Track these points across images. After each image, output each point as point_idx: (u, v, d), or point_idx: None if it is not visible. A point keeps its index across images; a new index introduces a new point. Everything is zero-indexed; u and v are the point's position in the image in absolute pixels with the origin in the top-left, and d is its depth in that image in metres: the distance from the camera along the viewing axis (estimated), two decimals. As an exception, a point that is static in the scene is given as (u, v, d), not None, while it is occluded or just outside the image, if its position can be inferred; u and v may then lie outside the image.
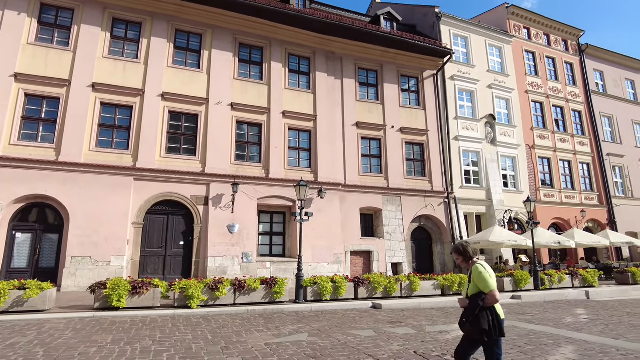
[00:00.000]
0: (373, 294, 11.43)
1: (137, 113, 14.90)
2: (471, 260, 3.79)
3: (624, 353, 5.99)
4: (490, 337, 3.49)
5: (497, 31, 23.35)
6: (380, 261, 17.24)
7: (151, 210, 14.52)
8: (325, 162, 17.17)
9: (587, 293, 13.73)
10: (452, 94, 20.68)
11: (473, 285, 3.64)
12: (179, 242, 14.79)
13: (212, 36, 16.60)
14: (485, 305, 3.51)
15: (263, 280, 10.32)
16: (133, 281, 9.35)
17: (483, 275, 3.56)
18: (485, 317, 3.48)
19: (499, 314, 3.55)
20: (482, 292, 3.56)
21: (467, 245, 3.83)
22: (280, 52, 17.56)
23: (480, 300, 3.53)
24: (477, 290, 3.59)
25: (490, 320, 3.48)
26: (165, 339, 6.49)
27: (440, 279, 12.34)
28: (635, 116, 27.39)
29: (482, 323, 3.46)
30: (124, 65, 15.08)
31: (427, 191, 18.80)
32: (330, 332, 7.31)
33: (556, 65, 25.42)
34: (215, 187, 15.03)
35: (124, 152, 14.48)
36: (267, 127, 16.50)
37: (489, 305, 3.51)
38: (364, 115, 18.66)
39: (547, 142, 23.37)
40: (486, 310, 3.51)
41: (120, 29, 15.46)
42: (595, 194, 24.25)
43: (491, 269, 3.71)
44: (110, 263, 13.24)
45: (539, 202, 21.86)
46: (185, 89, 15.70)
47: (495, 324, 3.49)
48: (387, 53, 19.50)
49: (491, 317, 3.49)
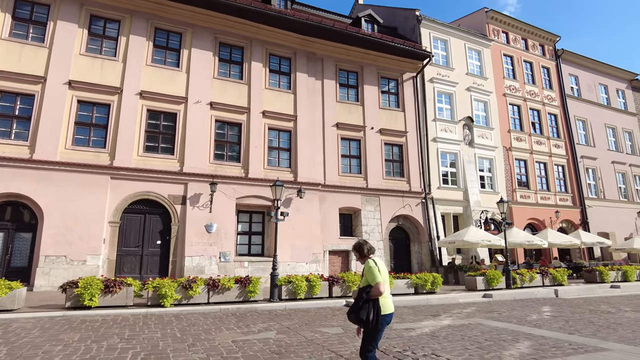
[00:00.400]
0: (347, 293, 11.62)
1: (115, 111, 14.81)
2: (366, 257, 4.02)
3: (575, 347, 6.28)
4: (366, 327, 3.72)
5: (476, 35, 23.82)
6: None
7: (128, 209, 14.45)
8: (305, 162, 17.31)
9: (556, 291, 14.18)
10: (431, 96, 21.04)
11: (364, 279, 3.88)
12: (156, 242, 14.74)
13: (192, 35, 16.58)
14: (370, 297, 3.73)
15: (237, 280, 10.41)
16: (105, 280, 9.35)
17: (372, 269, 3.80)
18: (366, 308, 3.70)
19: (381, 307, 3.74)
20: (370, 284, 3.79)
21: (364, 243, 4.08)
22: (260, 52, 17.63)
23: (365, 292, 3.76)
24: (367, 284, 3.83)
25: (371, 312, 3.69)
26: (134, 337, 6.55)
27: (414, 277, 12.60)
28: (608, 120, 28.24)
29: (361, 313, 3.69)
30: (102, 63, 14.96)
31: (405, 191, 19.11)
32: (299, 329, 7.46)
33: (533, 69, 26.04)
34: (193, 187, 15.03)
35: (101, 150, 14.37)
36: (246, 126, 16.56)
37: (373, 297, 3.73)
38: (344, 116, 18.85)
39: (524, 144, 23.94)
40: (370, 302, 3.73)
41: (98, 26, 15.33)
42: (569, 195, 24.93)
43: (385, 266, 3.97)
44: (85, 262, 13.14)
45: (515, 202, 22.41)
46: (164, 87, 15.65)
47: (374, 315, 3.70)
48: (367, 55, 19.74)
49: (373, 309, 3.71)
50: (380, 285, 3.72)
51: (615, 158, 27.56)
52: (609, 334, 7.37)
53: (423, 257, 19.05)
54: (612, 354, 5.84)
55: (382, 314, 3.73)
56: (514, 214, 22.02)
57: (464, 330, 7.56)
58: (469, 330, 7.63)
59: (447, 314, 9.82)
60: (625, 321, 8.90)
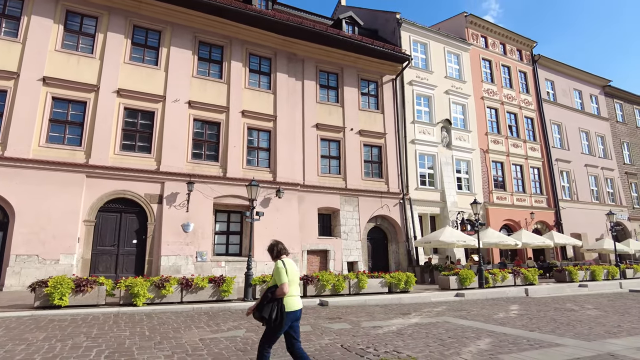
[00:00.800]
0: (322, 292, 11.77)
1: (91, 109, 14.66)
2: (277, 257, 4.22)
3: (532, 343, 6.53)
4: (268, 324, 3.92)
5: (455, 39, 24.25)
6: (336, 260, 17.64)
7: (104, 208, 14.32)
8: (284, 162, 17.40)
9: (527, 290, 14.58)
10: (410, 98, 21.36)
11: (273, 279, 4.09)
12: (132, 241, 14.64)
13: (171, 33, 16.50)
14: (275, 296, 3.94)
15: (211, 279, 10.44)
16: (77, 279, 9.29)
17: (279, 270, 4.02)
18: (269, 307, 3.90)
19: (285, 305, 3.94)
20: (276, 284, 4.00)
21: (275, 245, 4.29)
22: (241, 51, 17.65)
23: (270, 292, 3.98)
24: (274, 284, 4.04)
25: (274, 311, 3.89)
26: (101, 336, 6.55)
27: (388, 276, 12.82)
28: (582, 124, 29.07)
29: (264, 311, 3.90)
30: (78, 60, 14.78)
31: (383, 192, 19.36)
32: (269, 327, 7.55)
33: (511, 74, 26.64)
34: (170, 186, 14.98)
35: (76, 148, 14.21)
36: (225, 126, 16.57)
37: (278, 296, 3.94)
38: (324, 117, 19.00)
39: (501, 147, 24.47)
40: (275, 301, 3.93)
41: (74, 22, 15.14)
42: (544, 197, 25.59)
43: (294, 268, 4.18)
44: (58, 261, 12.98)
45: (491, 204, 22.91)
46: (142, 85, 15.55)
47: (277, 315, 3.89)
48: (347, 56, 19.94)
49: (276, 308, 3.90)
50: (284, 285, 3.94)
51: (588, 161, 28.40)
52: (567, 331, 7.68)
53: (400, 256, 19.34)
54: (565, 349, 6.11)
55: (287, 311, 3.93)
56: (490, 215, 22.52)
57: (430, 328, 7.77)
58: (435, 328, 7.85)
59: (417, 312, 10.04)
60: (585, 318, 9.26)
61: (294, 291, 4.08)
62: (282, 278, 3.98)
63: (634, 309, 10.95)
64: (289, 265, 4.10)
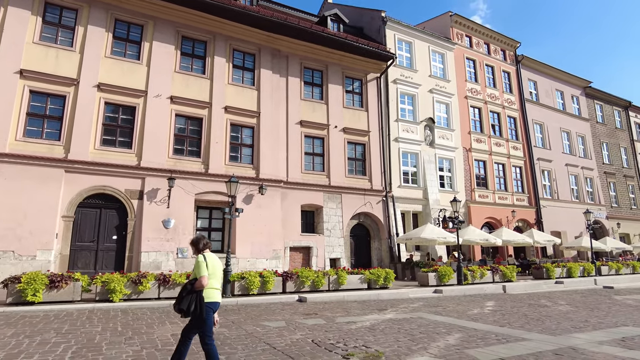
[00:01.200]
0: (301, 288, 11.84)
1: (71, 103, 14.44)
2: (201, 251, 4.32)
3: (499, 338, 6.70)
4: (192, 316, 4.05)
5: (440, 38, 24.44)
6: (319, 256, 17.71)
7: (83, 204, 14.15)
8: (267, 159, 17.39)
9: (504, 287, 14.86)
10: (394, 96, 21.50)
11: (194, 272, 4.20)
12: (112, 237, 14.51)
13: (153, 28, 16.32)
14: (195, 288, 4.04)
15: (189, 275, 10.41)
16: (51, 275, 9.20)
17: (199, 264, 4.13)
18: (188, 299, 4.02)
19: (205, 297, 4.07)
20: (196, 277, 4.10)
21: (199, 239, 4.40)
22: (224, 47, 17.55)
23: (190, 284, 4.08)
24: (195, 277, 4.15)
25: (193, 303, 4.00)
26: (72, 331, 6.52)
27: (367, 273, 12.95)
28: (563, 124, 29.59)
29: (182, 304, 4.01)
30: (57, 53, 14.54)
31: (366, 189, 19.49)
32: (243, 323, 7.60)
33: (494, 73, 26.96)
34: (151, 181, 14.86)
35: (55, 143, 14.00)
36: (208, 121, 16.48)
37: (197, 288, 4.05)
38: (308, 114, 19.02)
39: (483, 146, 24.79)
40: (194, 293, 4.04)
41: (53, 15, 14.88)
42: (526, 195, 26.01)
43: (216, 262, 4.31)
44: (35, 257, 12.79)
45: (473, 202, 23.22)
46: (123, 80, 15.36)
47: (197, 305, 4.01)
48: (332, 54, 19.96)
49: (196, 300, 4.02)
50: (203, 278, 4.05)
51: (569, 161, 28.93)
52: (536, 326, 7.88)
53: (383, 253, 19.51)
54: (529, 344, 6.28)
55: (206, 302, 4.04)
56: (472, 212, 22.83)
57: (403, 324, 7.89)
58: (408, 323, 7.98)
59: (393, 308, 10.18)
60: (555, 314, 9.49)
61: (215, 284, 4.20)
62: (202, 271, 4.08)
63: (603, 305, 11.26)
64: (210, 260, 4.22)
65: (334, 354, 5.42)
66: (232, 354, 5.38)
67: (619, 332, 7.30)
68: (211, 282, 4.15)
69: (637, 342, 6.41)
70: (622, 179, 32.27)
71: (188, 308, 3.97)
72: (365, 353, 5.51)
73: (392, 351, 5.65)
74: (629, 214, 31.57)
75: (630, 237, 30.76)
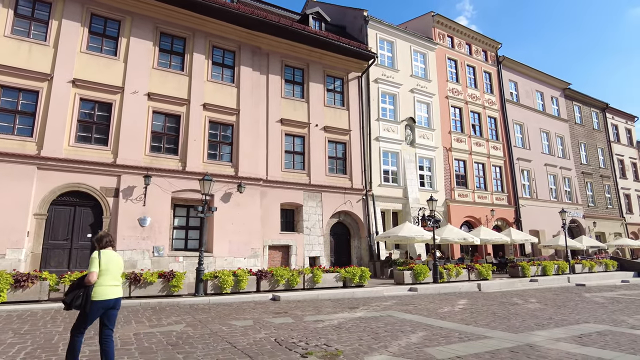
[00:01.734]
0: (276, 287, 11.84)
1: (44, 99, 14.17)
2: (104, 248, 4.42)
3: (462, 336, 6.80)
4: (77, 310, 4.12)
5: (422, 38, 24.61)
6: (298, 255, 17.73)
7: (56, 201, 13.91)
8: (247, 157, 17.31)
9: (479, 285, 15.07)
10: (376, 96, 21.60)
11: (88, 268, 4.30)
12: (87, 235, 14.31)
13: (131, 23, 16.09)
14: (83, 283, 4.13)
15: (161, 274, 10.36)
16: (16, 274, 9.04)
17: (92, 260, 4.23)
18: (73, 294, 4.10)
19: (94, 294, 4.14)
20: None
21: (102, 237, 4.48)
22: (204, 44, 17.39)
23: (80, 279, 4.20)
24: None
25: (79, 297, 4.08)
26: (31, 332, 6.43)
27: (342, 271, 13.01)
28: (543, 125, 30.10)
29: (67, 297, 4.10)
30: (30, 47, 14.25)
31: (347, 188, 19.56)
32: (210, 322, 7.58)
33: (476, 74, 27.27)
34: (127, 179, 14.68)
35: (27, 139, 13.72)
36: (186, 119, 16.34)
37: (85, 284, 4.13)
38: (289, 112, 18.99)
39: (464, 146, 25.07)
40: (82, 288, 4.12)
41: (26, 8, 14.56)
42: (505, 194, 26.40)
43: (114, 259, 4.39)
44: (5, 256, 12.53)
45: (453, 201, 23.48)
46: (99, 76, 15.13)
47: (82, 300, 4.08)
48: (313, 52, 19.95)
49: (82, 295, 4.10)
50: (91, 274, 4.13)
51: (548, 161, 29.45)
52: (501, 324, 8.01)
53: (362, 251, 19.62)
54: (489, 341, 6.39)
55: (94, 300, 4.10)
56: (451, 211, 23.09)
57: (370, 322, 7.95)
58: (375, 322, 8.04)
59: (365, 306, 10.25)
60: (523, 312, 9.68)
61: (108, 281, 4.25)
62: (92, 267, 4.17)
63: (571, 302, 11.52)
64: (105, 256, 4.29)
65: (293, 353, 5.44)
66: (190, 353, 5.36)
67: (579, 329, 7.48)
68: (103, 279, 4.21)
69: (593, 339, 6.58)
70: (599, 179, 32.98)
71: (72, 301, 4.06)
72: (324, 352, 5.55)
73: (352, 350, 5.70)
74: (605, 213, 32.30)
75: (606, 236, 31.48)
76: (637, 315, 9.17)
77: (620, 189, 34.44)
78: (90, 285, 4.12)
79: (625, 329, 7.55)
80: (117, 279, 4.39)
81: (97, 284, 4.16)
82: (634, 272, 21.75)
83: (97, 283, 4.16)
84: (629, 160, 36.63)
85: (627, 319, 8.71)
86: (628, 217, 34.07)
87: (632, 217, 34.46)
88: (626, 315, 9.25)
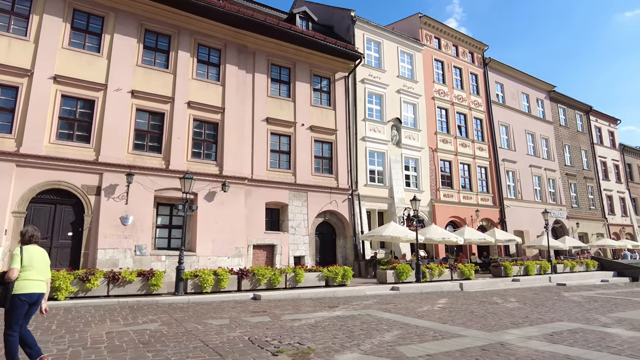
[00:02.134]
0: (257, 286, 11.82)
1: (24, 95, 13.95)
2: (27, 243, 4.48)
3: (436, 335, 6.86)
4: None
5: (409, 39, 24.75)
6: (283, 254, 17.72)
7: (36, 199, 13.71)
8: (231, 155, 17.24)
9: (461, 285, 15.21)
10: (362, 96, 21.67)
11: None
12: (68, 233, 14.13)
13: (115, 20, 15.91)
14: (4, 280, 4.19)
15: (140, 273, 10.28)
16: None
17: (13, 256, 4.31)
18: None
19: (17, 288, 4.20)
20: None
21: (25, 232, 4.54)
22: (189, 41, 17.28)
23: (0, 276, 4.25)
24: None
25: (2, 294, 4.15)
26: None
27: (325, 270, 13.04)
28: (528, 127, 30.48)
29: None
30: (9, 42, 14.01)
31: (333, 188, 19.59)
32: (186, 321, 7.54)
33: (462, 75, 27.49)
34: (109, 177, 14.53)
35: (5, 135, 13.49)
36: (170, 116, 16.21)
37: (5, 280, 4.19)
38: (275, 111, 18.95)
39: (449, 146, 25.27)
40: (4, 284, 4.18)
41: (5, 2, 14.27)
42: (490, 195, 26.68)
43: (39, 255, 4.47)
44: (-19, 254, 12.34)
45: (438, 201, 23.66)
46: (82, 73, 14.93)
47: (3, 296, 4.15)
48: (300, 52, 19.94)
49: (3, 290, 4.16)
50: (11, 270, 4.20)
51: (533, 162, 29.83)
52: (477, 323, 8.10)
53: (348, 251, 19.67)
54: (462, 340, 6.46)
55: (17, 294, 4.17)
56: (436, 211, 23.26)
57: (347, 321, 7.99)
58: (352, 320, 8.08)
59: (345, 305, 10.29)
60: (501, 311, 9.80)
61: (32, 276, 4.30)
62: (12, 263, 4.24)
63: (550, 301, 11.69)
64: (27, 252, 4.35)
65: (264, 351, 5.44)
66: (161, 351, 5.34)
67: (552, 327, 7.60)
68: (27, 273, 4.27)
69: (564, 337, 6.69)
70: (582, 180, 33.51)
71: None
72: (296, 350, 5.56)
73: (323, 348, 5.72)
74: (588, 214, 32.83)
75: (589, 236, 32.01)
76: (610, 314, 9.35)
77: (603, 191, 35.04)
78: (11, 281, 4.16)
79: (597, 327, 7.69)
80: (42, 274, 4.44)
81: (20, 278, 4.23)
82: (614, 272, 22.15)
83: (20, 277, 4.23)
84: (612, 162, 37.28)
85: (600, 317, 8.88)
86: (610, 218, 34.69)
87: (613, 218, 35.09)
88: (600, 313, 9.42)
